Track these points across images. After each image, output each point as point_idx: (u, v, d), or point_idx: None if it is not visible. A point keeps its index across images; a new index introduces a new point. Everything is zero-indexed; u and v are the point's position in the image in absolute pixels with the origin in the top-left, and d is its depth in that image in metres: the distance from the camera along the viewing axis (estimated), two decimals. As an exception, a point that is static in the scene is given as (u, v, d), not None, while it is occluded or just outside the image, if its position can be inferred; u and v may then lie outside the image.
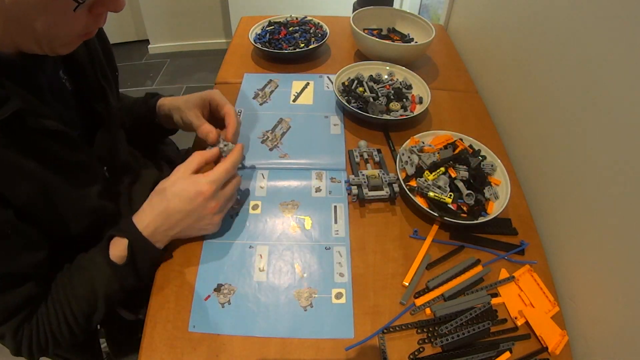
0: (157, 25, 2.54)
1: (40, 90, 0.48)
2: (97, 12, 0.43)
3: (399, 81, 0.86)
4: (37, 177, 0.45)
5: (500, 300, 0.56)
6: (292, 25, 1.02)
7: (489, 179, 0.68)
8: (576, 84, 0.60)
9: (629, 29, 0.49)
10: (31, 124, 0.43)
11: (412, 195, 0.63)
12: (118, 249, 0.51)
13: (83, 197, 0.52)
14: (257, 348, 0.51)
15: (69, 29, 0.42)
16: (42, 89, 0.49)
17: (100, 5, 0.43)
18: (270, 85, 0.90)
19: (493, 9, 0.90)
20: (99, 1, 0.42)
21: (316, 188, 0.68)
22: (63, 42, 0.44)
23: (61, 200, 0.48)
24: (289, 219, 0.64)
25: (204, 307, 0.54)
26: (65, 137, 0.47)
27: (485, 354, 0.51)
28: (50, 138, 0.46)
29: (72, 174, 0.50)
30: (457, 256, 0.61)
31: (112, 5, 0.44)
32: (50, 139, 0.46)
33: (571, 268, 0.59)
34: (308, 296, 0.55)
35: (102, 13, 0.44)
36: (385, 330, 0.53)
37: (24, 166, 0.43)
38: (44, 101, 0.48)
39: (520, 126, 0.78)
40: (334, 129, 0.80)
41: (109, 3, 0.43)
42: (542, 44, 0.70)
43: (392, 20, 1.05)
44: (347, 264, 0.59)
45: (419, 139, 0.72)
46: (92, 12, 0.43)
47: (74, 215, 0.51)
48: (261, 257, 0.59)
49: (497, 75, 0.88)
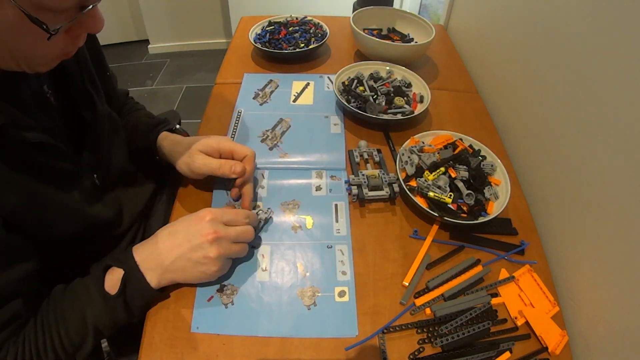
0: (157, 25, 2.54)
1: (23, 103, 0.47)
2: (75, 34, 0.43)
3: (398, 80, 0.87)
4: (22, 186, 0.45)
5: (500, 300, 0.56)
6: (292, 25, 1.02)
7: (489, 179, 0.68)
8: (576, 83, 0.60)
9: (630, 29, 0.49)
10: (14, 137, 0.43)
11: (412, 195, 0.63)
12: (113, 279, 0.50)
13: (70, 205, 0.51)
14: (257, 348, 0.51)
15: (45, 51, 0.42)
16: (25, 101, 0.48)
17: (78, 27, 0.42)
18: (271, 85, 0.90)
19: (493, 9, 0.90)
20: (76, 23, 0.41)
21: (316, 186, 0.68)
22: (41, 62, 0.43)
23: (47, 208, 0.48)
24: (290, 219, 0.64)
25: (207, 308, 0.54)
26: (49, 148, 0.47)
27: (485, 354, 0.51)
28: (34, 149, 0.45)
29: (58, 183, 0.49)
30: (457, 256, 0.61)
31: (91, 27, 0.43)
32: (34, 150, 0.45)
33: (571, 268, 0.59)
34: (311, 295, 0.55)
35: (80, 35, 0.44)
36: (385, 330, 0.53)
37: (9, 177, 0.43)
38: (28, 112, 0.47)
39: (520, 126, 0.78)
40: (334, 128, 0.80)
41: (87, 25, 0.42)
42: (543, 43, 0.70)
43: (392, 20, 1.05)
44: (350, 262, 0.59)
45: (419, 139, 0.72)
46: (69, 34, 0.42)
47: (61, 222, 0.50)
48: (263, 257, 0.59)
49: (497, 75, 0.88)
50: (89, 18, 0.42)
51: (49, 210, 0.48)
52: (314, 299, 0.55)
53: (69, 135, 0.54)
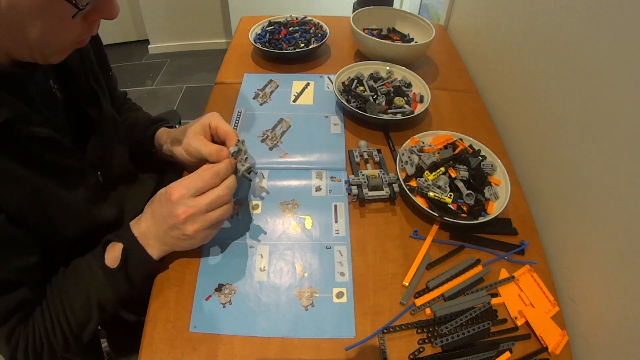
0: (157, 25, 2.54)
1: (30, 98, 0.48)
2: (91, 19, 0.43)
3: (398, 80, 0.87)
4: (28, 182, 0.45)
5: (500, 300, 0.56)
6: (292, 25, 1.02)
7: (489, 179, 0.68)
8: (576, 83, 0.60)
9: (630, 29, 0.49)
10: (21, 132, 0.43)
11: (412, 195, 0.63)
12: (113, 254, 0.51)
13: (74, 202, 0.52)
14: (257, 348, 0.51)
15: (63, 36, 0.42)
16: (32, 97, 0.48)
17: (95, 12, 0.43)
18: (271, 85, 0.90)
19: (493, 9, 0.90)
20: (94, 8, 0.42)
21: (316, 187, 0.68)
22: (56, 50, 0.44)
23: (52, 205, 0.48)
24: (289, 219, 0.64)
25: (205, 308, 0.54)
26: (56, 144, 0.47)
27: (485, 354, 0.51)
28: (41, 144, 0.46)
29: (63, 180, 0.49)
30: (457, 256, 0.61)
31: (107, 12, 0.43)
32: (41, 146, 0.46)
33: (571, 268, 0.59)
34: (309, 296, 0.55)
35: (96, 20, 0.44)
36: (385, 330, 0.53)
37: (15, 172, 0.44)
38: (35, 108, 0.48)
39: (520, 126, 0.78)
40: (334, 128, 0.80)
41: (103, 10, 0.43)
42: (543, 43, 0.70)
43: (392, 20, 1.05)
44: (348, 263, 0.59)
45: (419, 139, 0.72)
46: (87, 19, 0.43)
47: (66, 220, 0.51)
48: (262, 257, 0.59)
49: (497, 75, 0.88)
50: (107, 3, 0.42)
51: (54, 206, 0.49)
52: (312, 299, 0.55)
53: (73, 132, 0.55)
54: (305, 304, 0.55)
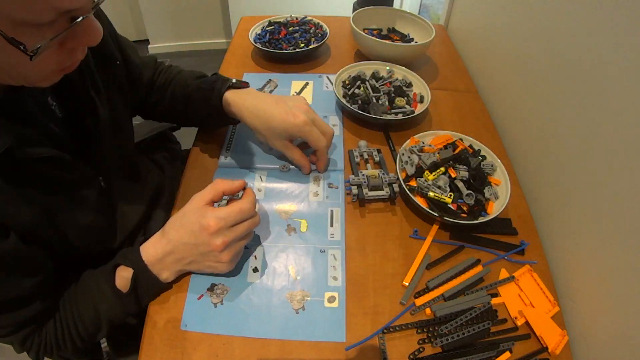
0: (157, 25, 2.54)
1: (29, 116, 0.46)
2: (70, 47, 0.39)
3: (398, 79, 0.87)
4: (36, 201, 0.45)
5: (500, 300, 0.56)
6: (292, 25, 1.02)
7: (489, 179, 0.68)
8: (576, 83, 0.60)
9: (630, 29, 0.49)
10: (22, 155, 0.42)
11: (412, 195, 0.63)
12: (123, 277, 0.51)
13: (82, 213, 0.52)
14: (257, 348, 0.51)
15: (38, 69, 0.38)
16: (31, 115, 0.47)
17: (72, 40, 0.38)
18: (270, 85, 0.90)
19: (493, 9, 0.90)
20: (69, 36, 0.37)
21: (314, 193, 0.68)
22: (37, 79, 0.40)
23: (62, 218, 0.49)
24: (284, 221, 0.64)
25: (197, 307, 0.54)
26: (58, 161, 0.47)
27: (485, 354, 0.51)
28: (44, 163, 0.45)
29: (69, 193, 0.50)
30: (457, 256, 0.61)
31: (86, 38, 0.38)
32: (44, 164, 0.45)
33: (571, 268, 0.59)
34: (300, 299, 0.55)
35: (76, 48, 0.40)
36: (385, 330, 0.53)
37: (23, 193, 0.44)
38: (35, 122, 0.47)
39: (520, 126, 0.78)
40: (333, 129, 0.79)
41: (82, 37, 0.38)
42: (542, 43, 0.70)
43: (392, 20, 1.05)
44: (342, 268, 0.59)
45: (419, 139, 0.72)
46: (64, 48, 0.38)
47: (77, 232, 0.52)
48: (256, 258, 0.59)
49: (497, 76, 0.88)
50: (82, 30, 0.37)
51: (64, 220, 0.49)
52: (303, 303, 0.55)
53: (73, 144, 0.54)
54: (296, 307, 0.54)
